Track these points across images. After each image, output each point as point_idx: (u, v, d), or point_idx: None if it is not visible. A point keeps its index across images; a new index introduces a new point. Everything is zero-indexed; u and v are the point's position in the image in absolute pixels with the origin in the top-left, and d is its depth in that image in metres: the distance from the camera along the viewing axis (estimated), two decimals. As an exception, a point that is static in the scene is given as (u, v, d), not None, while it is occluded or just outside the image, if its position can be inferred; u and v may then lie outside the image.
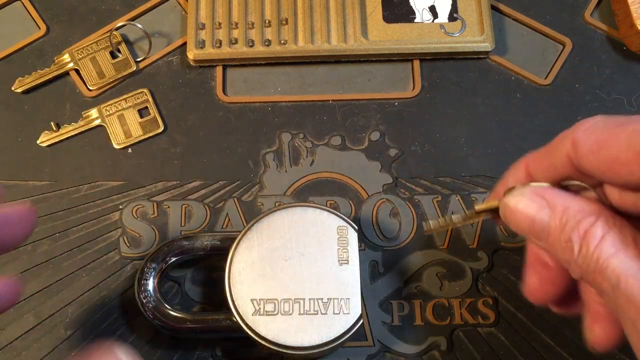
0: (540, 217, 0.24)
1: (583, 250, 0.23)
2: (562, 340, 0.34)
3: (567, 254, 0.23)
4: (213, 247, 0.34)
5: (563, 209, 0.24)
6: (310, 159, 0.39)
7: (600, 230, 0.23)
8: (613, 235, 0.22)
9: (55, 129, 0.39)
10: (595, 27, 0.42)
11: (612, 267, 0.22)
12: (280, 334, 0.31)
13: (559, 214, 0.24)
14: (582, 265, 0.22)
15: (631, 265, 0.22)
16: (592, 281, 0.22)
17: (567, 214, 0.24)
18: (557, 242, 0.24)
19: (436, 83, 0.41)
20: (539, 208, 0.24)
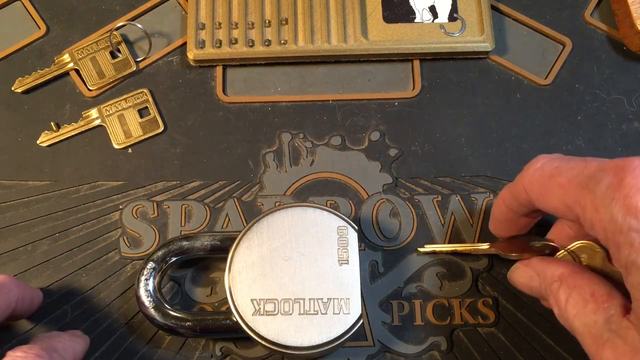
0: (533, 285, 0.31)
1: (556, 310, 0.28)
2: (562, 340, 0.34)
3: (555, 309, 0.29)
4: (213, 247, 0.34)
5: (543, 277, 0.30)
6: (310, 159, 0.39)
7: (564, 294, 0.28)
8: (574, 297, 0.27)
9: (55, 129, 0.39)
10: (595, 27, 0.42)
11: (575, 325, 0.27)
12: (280, 334, 0.31)
13: (542, 280, 0.30)
14: (565, 323, 0.28)
15: (589, 319, 0.26)
16: (571, 331, 0.27)
17: (545, 280, 0.30)
18: (545, 299, 0.30)
19: (436, 83, 0.41)
20: (530, 278, 0.31)
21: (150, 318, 0.33)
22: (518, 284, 0.32)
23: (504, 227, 0.34)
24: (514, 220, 0.33)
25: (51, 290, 0.36)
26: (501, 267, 0.36)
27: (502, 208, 0.33)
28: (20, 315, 0.32)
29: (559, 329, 0.35)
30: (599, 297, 0.26)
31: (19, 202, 0.37)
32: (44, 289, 0.35)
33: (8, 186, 0.38)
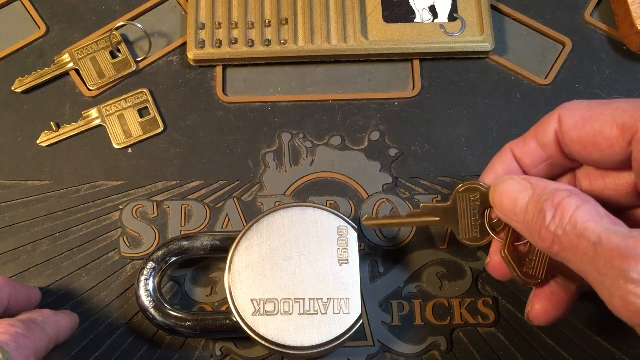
0: (522, 197, 0.26)
1: (557, 218, 0.24)
2: (562, 340, 0.34)
3: (537, 223, 0.25)
4: (213, 247, 0.34)
5: (542, 188, 0.26)
6: (310, 159, 0.39)
7: (575, 201, 0.24)
8: (587, 206, 0.24)
9: (55, 129, 0.39)
10: (595, 27, 0.42)
11: (591, 228, 0.23)
12: (280, 334, 0.31)
13: (538, 192, 0.26)
14: (555, 232, 0.24)
15: (609, 226, 0.23)
16: (568, 245, 0.23)
17: (544, 191, 0.25)
18: (531, 215, 0.25)
19: (436, 83, 0.41)
20: (523, 189, 0.26)
21: (150, 318, 0.33)
22: (502, 196, 0.27)
23: None
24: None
25: (51, 290, 0.36)
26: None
27: (506, 160, 0.30)
28: (17, 313, 0.32)
29: (559, 329, 0.35)
30: (613, 217, 0.24)
31: (19, 202, 0.37)
32: (44, 289, 0.35)
33: (8, 186, 0.38)
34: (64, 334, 0.31)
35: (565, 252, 0.24)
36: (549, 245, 0.24)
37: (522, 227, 0.26)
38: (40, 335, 0.29)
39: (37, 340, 0.28)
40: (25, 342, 0.27)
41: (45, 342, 0.29)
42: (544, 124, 0.28)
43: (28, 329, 0.28)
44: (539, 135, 0.28)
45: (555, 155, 0.28)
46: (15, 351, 0.26)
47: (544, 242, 0.24)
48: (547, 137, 0.28)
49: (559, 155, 0.28)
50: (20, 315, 0.30)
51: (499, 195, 0.28)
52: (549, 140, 0.28)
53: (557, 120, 0.27)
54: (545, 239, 0.24)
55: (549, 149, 0.28)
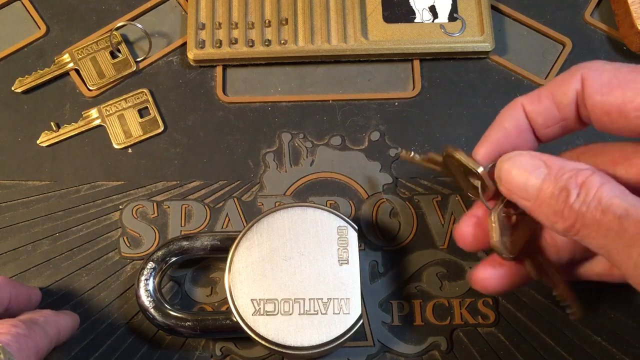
0: (535, 175, 0.25)
1: (582, 195, 0.23)
2: (562, 340, 0.34)
3: (560, 202, 0.23)
4: (213, 247, 0.34)
5: (559, 166, 0.24)
6: (310, 159, 0.39)
7: (598, 179, 0.23)
8: (611, 183, 0.23)
9: (55, 129, 0.39)
10: (595, 27, 0.42)
11: (617, 203, 0.22)
12: (280, 334, 0.31)
13: (555, 171, 0.24)
14: (579, 209, 0.23)
15: (635, 202, 0.22)
16: (591, 221, 0.23)
17: (563, 169, 0.24)
18: (549, 195, 0.24)
19: (436, 83, 0.41)
20: (535, 167, 0.25)
21: (150, 318, 0.33)
22: (510, 175, 0.26)
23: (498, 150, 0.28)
24: (521, 140, 0.28)
25: (51, 290, 0.36)
26: (501, 267, 0.36)
27: (517, 116, 0.27)
28: (17, 313, 0.32)
29: (559, 329, 0.35)
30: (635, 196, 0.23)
31: (19, 202, 0.37)
32: (44, 289, 0.35)
33: (8, 186, 0.38)
34: (65, 334, 0.31)
35: (587, 228, 0.23)
36: (571, 224, 0.23)
37: (534, 206, 0.25)
38: (41, 335, 0.29)
39: (38, 340, 0.28)
40: (27, 343, 0.27)
41: (46, 342, 0.29)
42: (563, 83, 0.26)
43: (29, 329, 0.28)
44: (557, 95, 0.26)
45: (571, 118, 0.26)
46: (16, 352, 0.26)
47: (566, 221, 0.23)
48: (566, 98, 0.26)
49: (574, 117, 0.26)
50: (21, 315, 0.30)
51: (507, 171, 0.26)
52: (567, 101, 0.26)
53: (580, 80, 0.25)
54: (568, 217, 0.23)
55: (566, 110, 0.26)
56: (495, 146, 0.27)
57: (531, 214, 0.25)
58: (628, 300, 0.35)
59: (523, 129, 0.27)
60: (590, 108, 0.25)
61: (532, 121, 0.27)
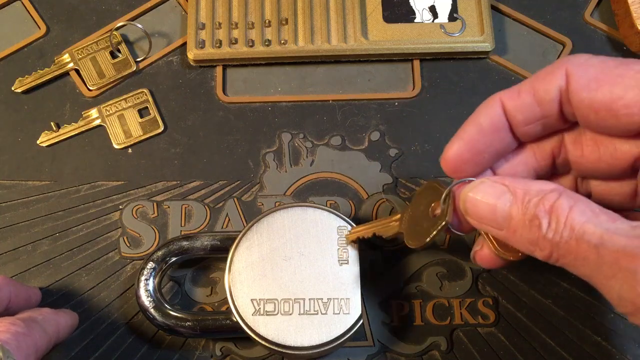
0: (502, 203, 0.23)
1: (553, 224, 0.22)
2: (562, 340, 0.34)
3: (533, 232, 0.22)
4: (213, 247, 0.34)
5: (524, 191, 0.23)
6: (310, 159, 0.39)
7: (567, 202, 0.22)
8: (580, 205, 0.22)
9: (55, 129, 0.39)
10: (595, 27, 0.42)
11: (591, 231, 0.21)
12: (280, 334, 0.31)
13: (521, 196, 0.23)
14: (552, 239, 0.22)
15: (609, 225, 0.21)
16: (567, 251, 0.21)
17: (529, 194, 0.23)
18: (521, 224, 0.23)
19: (436, 83, 0.41)
20: (500, 194, 0.24)
21: (150, 318, 0.33)
22: (477, 204, 0.24)
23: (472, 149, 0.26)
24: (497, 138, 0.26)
25: (51, 290, 0.36)
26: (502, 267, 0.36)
27: (493, 112, 0.26)
28: (16, 312, 0.32)
29: (559, 329, 0.35)
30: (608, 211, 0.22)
31: (19, 202, 0.37)
32: (44, 289, 0.35)
33: (8, 186, 0.38)
34: (64, 332, 0.31)
35: (565, 258, 0.22)
36: (548, 254, 0.22)
37: (508, 234, 0.24)
38: (40, 333, 0.28)
39: (37, 338, 0.28)
40: (26, 341, 0.27)
41: (45, 340, 0.29)
42: (546, 78, 0.24)
43: (28, 328, 0.28)
44: (539, 91, 0.25)
45: (553, 115, 0.25)
46: (15, 350, 0.26)
47: (543, 251, 0.22)
48: (548, 94, 0.24)
49: (556, 115, 0.25)
50: (20, 314, 0.30)
51: (472, 203, 0.25)
52: (550, 97, 0.24)
53: (564, 75, 0.24)
54: (544, 247, 0.22)
55: (548, 107, 0.25)
56: (468, 144, 0.26)
57: (507, 242, 0.24)
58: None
59: (500, 126, 0.26)
60: (577, 105, 0.24)
61: (512, 118, 0.26)
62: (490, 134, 0.26)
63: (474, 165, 0.26)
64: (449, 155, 0.26)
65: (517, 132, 0.26)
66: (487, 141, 0.26)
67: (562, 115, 0.25)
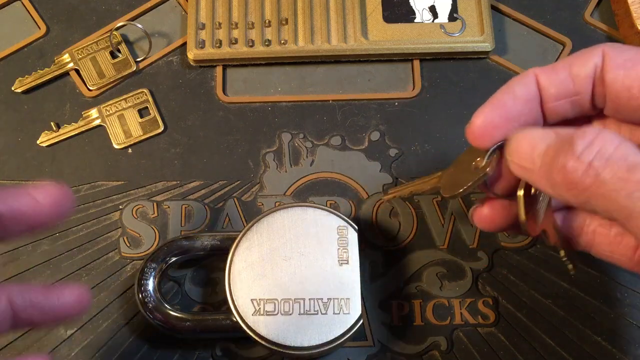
0: (542, 142, 0.23)
1: (595, 146, 0.20)
2: (562, 340, 0.34)
3: (561, 157, 0.21)
4: (213, 247, 0.34)
5: (569, 131, 0.22)
6: (310, 159, 0.39)
7: (616, 136, 0.21)
8: (630, 143, 0.21)
9: (55, 129, 0.39)
10: (595, 27, 0.42)
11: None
12: (280, 334, 0.31)
13: (563, 133, 0.22)
14: (592, 162, 0.20)
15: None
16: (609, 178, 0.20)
17: (569, 131, 0.22)
18: (553, 152, 0.22)
19: (436, 83, 0.41)
20: (545, 135, 0.23)
21: (150, 318, 0.33)
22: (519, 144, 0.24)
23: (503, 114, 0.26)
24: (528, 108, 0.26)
25: (51, 290, 0.36)
26: (502, 267, 0.36)
27: (528, 83, 0.25)
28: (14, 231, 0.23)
29: (559, 329, 0.35)
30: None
31: (19, 202, 0.37)
32: (44, 289, 0.35)
33: (8, 186, 0.38)
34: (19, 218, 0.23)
35: (603, 186, 0.20)
36: (578, 177, 0.21)
37: (538, 175, 0.23)
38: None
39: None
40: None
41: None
42: (582, 56, 0.25)
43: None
44: (575, 66, 0.25)
45: (585, 93, 0.25)
46: None
47: (571, 173, 0.21)
48: (583, 70, 0.25)
49: (588, 94, 0.25)
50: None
51: (517, 141, 0.24)
52: (585, 73, 0.25)
53: (601, 55, 0.24)
54: (573, 169, 0.21)
55: (582, 83, 0.25)
56: (501, 108, 0.25)
57: (535, 185, 0.23)
58: (628, 299, 0.35)
59: (532, 97, 0.25)
60: (610, 82, 0.24)
61: (544, 91, 0.25)
62: (523, 103, 0.25)
63: (503, 132, 0.25)
64: (479, 119, 0.26)
65: (547, 108, 0.26)
66: (519, 110, 0.25)
67: (592, 97, 0.25)
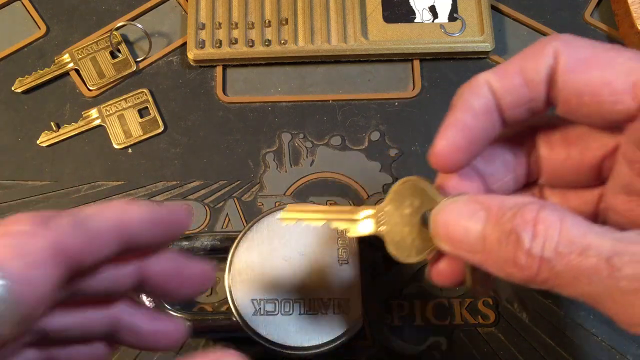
0: (474, 222, 0.21)
1: (540, 238, 0.19)
2: (562, 340, 0.34)
3: (509, 249, 0.19)
4: (213, 247, 0.34)
5: (499, 206, 0.20)
6: (310, 159, 0.39)
7: (555, 213, 0.19)
8: (570, 216, 0.19)
9: (55, 129, 0.39)
10: (595, 27, 0.42)
11: (597, 242, 0.18)
12: (280, 334, 0.31)
13: (495, 212, 0.20)
14: (543, 255, 0.19)
15: (614, 235, 0.18)
16: (564, 267, 0.18)
17: (503, 209, 0.20)
18: (496, 243, 0.20)
19: (436, 83, 0.41)
20: (472, 212, 0.21)
21: (150, 318, 0.33)
22: (447, 228, 0.21)
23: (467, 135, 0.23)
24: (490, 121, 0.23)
25: (51, 290, 0.36)
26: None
27: (484, 94, 0.23)
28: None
29: (559, 329, 0.35)
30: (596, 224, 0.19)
31: (19, 202, 0.37)
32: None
33: (8, 186, 0.38)
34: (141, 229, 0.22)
35: (560, 277, 0.19)
36: (534, 272, 0.19)
37: (483, 259, 0.20)
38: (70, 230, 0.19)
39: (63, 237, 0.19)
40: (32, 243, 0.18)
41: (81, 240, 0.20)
42: (534, 57, 0.23)
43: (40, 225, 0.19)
44: (528, 70, 0.23)
45: (540, 98, 0.23)
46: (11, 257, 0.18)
47: (526, 270, 0.19)
48: (538, 75, 0.22)
49: (543, 97, 0.23)
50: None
51: (443, 224, 0.22)
52: (539, 78, 0.22)
53: (553, 55, 0.22)
54: (527, 266, 0.19)
55: (537, 88, 0.23)
56: (463, 129, 0.23)
57: (482, 267, 0.21)
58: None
59: (490, 108, 0.23)
60: (562, 86, 0.22)
61: (500, 99, 0.23)
62: (483, 118, 0.23)
63: (469, 154, 0.24)
64: (442, 145, 0.23)
65: (505, 116, 0.24)
66: (482, 126, 0.23)
67: (547, 100, 0.23)
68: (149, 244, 0.22)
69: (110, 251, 0.21)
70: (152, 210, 0.22)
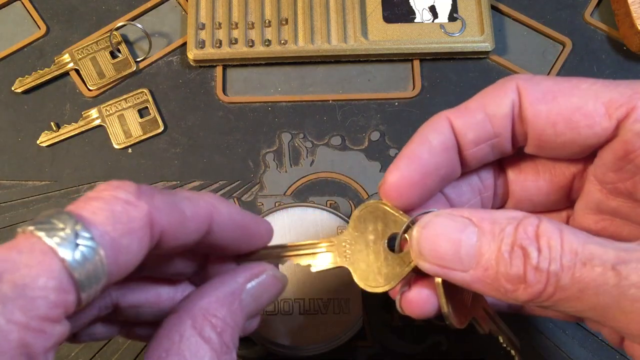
0: (466, 237, 0.19)
1: (545, 251, 0.18)
2: (562, 340, 0.34)
3: (517, 266, 0.18)
4: (213, 247, 0.34)
5: (491, 221, 0.19)
6: (310, 159, 0.39)
7: (553, 225, 0.19)
8: (569, 229, 0.19)
9: (55, 129, 0.39)
10: (595, 27, 0.42)
11: (600, 251, 0.18)
12: (280, 334, 0.31)
13: (489, 227, 0.19)
14: (550, 269, 0.18)
15: (616, 245, 0.18)
16: (570, 281, 0.18)
17: (498, 224, 0.19)
18: (498, 259, 0.19)
19: (436, 83, 0.41)
20: (462, 227, 0.20)
21: (150, 318, 0.33)
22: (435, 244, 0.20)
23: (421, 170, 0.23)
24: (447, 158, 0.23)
25: (51, 290, 0.36)
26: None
27: (443, 129, 0.23)
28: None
29: (559, 329, 0.35)
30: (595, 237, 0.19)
31: (19, 202, 0.37)
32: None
33: (8, 186, 0.38)
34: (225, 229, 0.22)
35: (566, 290, 0.18)
36: (541, 289, 0.18)
37: (475, 276, 0.19)
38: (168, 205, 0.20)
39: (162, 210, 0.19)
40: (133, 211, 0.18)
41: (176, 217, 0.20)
42: (496, 93, 0.22)
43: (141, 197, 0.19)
44: (490, 106, 0.22)
45: (504, 134, 0.23)
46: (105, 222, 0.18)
47: (534, 286, 0.18)
48: (500, 109, 0.22)
49: (507, 134, 0.23)
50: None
51: (430, 239, 0.20)
52: (502, 112, 0.22)
53: (515, 90, 0.22)
54: (536, 282, 0.18)
55: (501, 124, 0.22)
56: (416, 162, 0.23)
57: (471, 287, 0.20)
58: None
59: (448, 145, 0.23)
60: (532, 119, 0.21)
61: (461, 137, 0.23)
62: (440, 154, 0.23)
63: (422, 189, 0.23)
64: (394, 176, 0.23)
65: (465, 155, 0.23)
66: (437, 161, 0.23)
67: (513, 136, 0.23)
68: (226, 245, 0.23)
69: (194, 240, 0.21)
70: (240, 214, 0.23)
